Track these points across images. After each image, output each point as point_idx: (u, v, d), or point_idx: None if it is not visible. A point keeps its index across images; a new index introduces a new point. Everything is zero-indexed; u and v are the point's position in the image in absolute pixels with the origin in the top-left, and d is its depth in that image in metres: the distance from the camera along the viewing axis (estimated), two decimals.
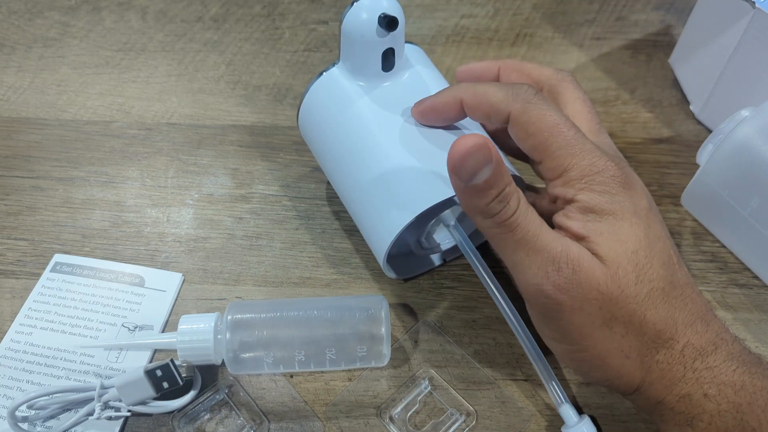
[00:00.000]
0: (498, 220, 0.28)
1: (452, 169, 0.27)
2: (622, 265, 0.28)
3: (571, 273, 0.27)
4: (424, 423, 0.33)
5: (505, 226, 0.28)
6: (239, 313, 0.34)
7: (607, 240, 0.28)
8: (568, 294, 0.27)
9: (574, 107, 0.33)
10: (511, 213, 0.28)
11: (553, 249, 0.28)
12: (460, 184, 0.28)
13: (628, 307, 0.28)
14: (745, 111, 0.37)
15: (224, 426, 0.33)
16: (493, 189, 0.27)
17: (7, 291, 0.38)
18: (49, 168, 0.44)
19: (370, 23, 0.33)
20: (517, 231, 0.28)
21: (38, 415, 0.33)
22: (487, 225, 0.29)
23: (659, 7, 0.55)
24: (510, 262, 0.29)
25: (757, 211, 0.37)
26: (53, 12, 0.55)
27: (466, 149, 0.27)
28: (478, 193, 0.28)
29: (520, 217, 0.28)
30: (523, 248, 0.28)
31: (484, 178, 0.27)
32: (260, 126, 0.47)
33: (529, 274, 0.28)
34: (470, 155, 0.27)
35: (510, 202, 0.28)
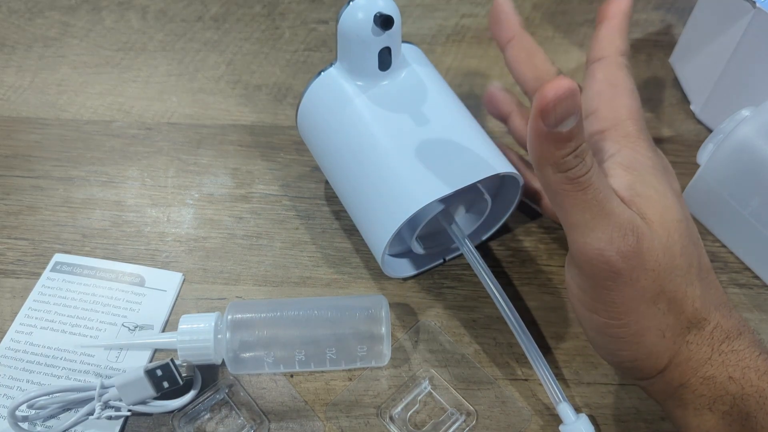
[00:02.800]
0: (572, 175, 0.26)
1: (541, 109, 0.25)
2: (673, 233, 0.27)
3: (636, 242, 0.27)
4: (424, 423, 0.33)
5: (577, 183, 0.27)
6: (239, 313, 0.34)
7: (656, 205, 0.28)
8: (629, 263, 0.27)
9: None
10: (586, 170, 0.26)
11: (621, 215, 0.27)
12: (543, 129, 0.26)
13: (675, 281, 0.27)
14: (746, 111, 0.37)
15: (224, 426, 0.33)
16: (573, 141, 0.26)
17: (8, 290, 0.38)
18: (49, 168, 0.44)
19: (366, 22, 0.33)
20: (589, 190, 0.27)
21: (38, 414, 0.33)
22: (557, 179, 0.27)
23: (660, 7, 0.55)
24: (572, 222, 0.27)
25: (758, 210, 0.37)
26: (53, 11, 0.55)
27: (561, 92, 0.25)
28: (559, 142, 0.26)
29: (594, 176, 0.27)
30: (591, 209, 0.27)
31: (570, 127, 0.25)
32: (260, 126, 0.47)
33: (593, 237, 0.27)
34: (564, 99, 0.25)
35: (586, 159, 0.26)
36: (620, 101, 0.31)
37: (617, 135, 0.30)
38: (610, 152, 0.29)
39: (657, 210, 0.28)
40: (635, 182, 0.28)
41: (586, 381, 0.35)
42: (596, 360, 0.35)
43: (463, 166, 0.34)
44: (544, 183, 0.28)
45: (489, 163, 0.34)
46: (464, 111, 0.37)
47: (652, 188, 0.28)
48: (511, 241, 0.41)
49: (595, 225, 0.27)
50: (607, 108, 0.30)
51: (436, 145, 0.34)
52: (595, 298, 0.28)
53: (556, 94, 0.25)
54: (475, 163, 0.34)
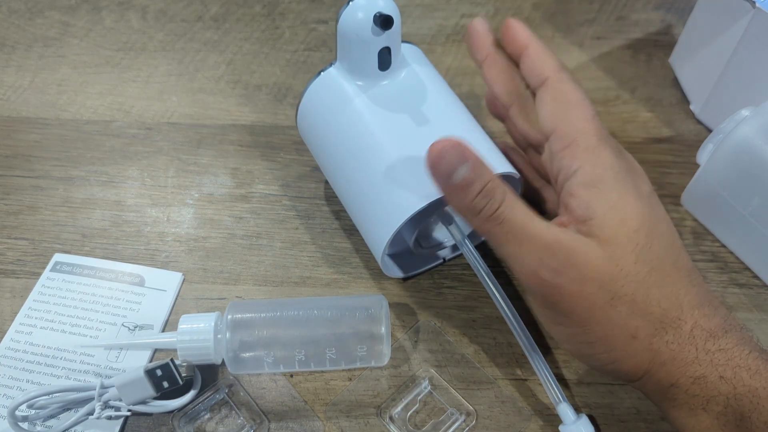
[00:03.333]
0: (484, 215, 0.29)
1: (430, 169, 0.29)
2: (621, 244, 0.28)
3: (565, 257, 0.28)
4: (424, 423, 0.33)
5: (492, 220, 0.29)
6: (239, 313, 0.34)
7: (610, 220, 0.28)
8: (566, 276, 0.28)
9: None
10: (496, 207, 0.28)
11: (545, 237, 0.28)
12: (442, 184, 0.29)
13: (629, 286, 0.28)
14: (746, 111, 0.37)
15: (224, 425, 0.33)
16: (473, 185, 0.28)
17: (7, 290, 0.38)
18: (49, 167, 0.44)
19: (366, 22, 0.33)
20: (505, 224, 0.28)
21: (38, 414, 0.33)
22: (476, 222, 0.29)
23: (659, 7, 0.55)
24: (505, 255, 0.29)
25: (757, 210, 0.37)
26: (53, 11, 0.55)
27: (439, 149, 0.29)
28: (459, 191, 0.29)
29: (507, 210, 0.28)
30: (514, 239, 0.29)
31: (463, 176, 0.28)
32: (260, 125, 0.47)
33: (524, 263, 0.28)
34: (444, 154, 0.28)
35: (495, 196, 0.28)
36: (574, 115, 0.31)
37: (578, 151, 0.30)
38: (572, 170, 0.30)
39: (610, 225, 0.28)
40: (591, 200, 0.29)
41: (586, 381, 0.35)
42: None
43: None
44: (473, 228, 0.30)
45: (489, 162, 0.34)
46: (464, 111, 0.37)
47: (608, 203, 0.29)
48: None
49: (524, 252, 0.28)
50: (564, 125, 0.31)
51: None
52: (554, 313, 0.29)
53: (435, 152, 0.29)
54: None
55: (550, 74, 0.32)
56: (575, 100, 0.32)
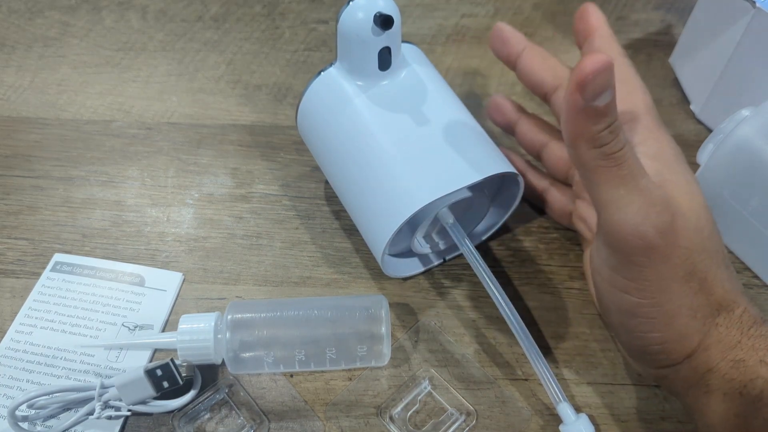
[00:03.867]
0: (607, 150, 0.27)
1: (579, 83, 0.25)
2: (702, 215, 0.28)
3: (670, 218, 0.27)
4: (424, 422, 0.33)
5: (613, 158, 0.27)
6: (239, 313, 0.34)
7: (685, 191, 0.28)
8: (665, 239, 0.27)
9: None
10: (621, 146, 0.27)
11: (654, 192, 0.27)
12: (580, 104, 0.26)
13: (705, 261, 0.28)
14: (746, 110, 0.37)
15: (224, 425, 0.33)
16: (608, 116, 0.26)
17: (7, 290, 0.38)
18: (49, 167, 0.44)
19: (366, 22, 0.33)
20: (624, 166, 0.27)
21: (38, 414, 0.33)
22: (591, 155, 0.27)
23: (659, 7, 0.55)
24: (605, 199, 0.28)
25: (758, 210, 0.37)
26: (53, 11, 0.55)
27: (599, 65, 0.25)
28: (595, 116, 0.26)
29: (629, 152, 0.27)
30: (626, 185, 0.27)
31: (606, 102, 0.26)
32: (260, 125, 0.47)
33: (629, 212, 0.27)
34: (602, 72, 0.25)
35: (620, 135, 0.27)
36: (635, 97, 0.31)
37: (639, 127, 0.30)
38: (635, 142, 0.30)
39: (686, 194, 0.28)
40: (662, 169, 0.29)
41: (586, 381, 0.35)
42: (596, 360, 0.35)
43: (463, 165, 0.34)
44: (577, 160, 0.28)
45: (489, 162, 0.34)
46: (464, 111, 0.37)
47: (679, 174, 0.29)
48: (511, 241, 0.41)
49: (630, 200, 0.27)
50: (624, 104, 0.30)
51: (436, 144, 0.34)
52: (628, 277, 0.28)
53: (594, 67, 0.25)
54: (475, 162, 0.34)
55: (616, 56, 0.32)
56: (637, 84, 0.32)
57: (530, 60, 0.36)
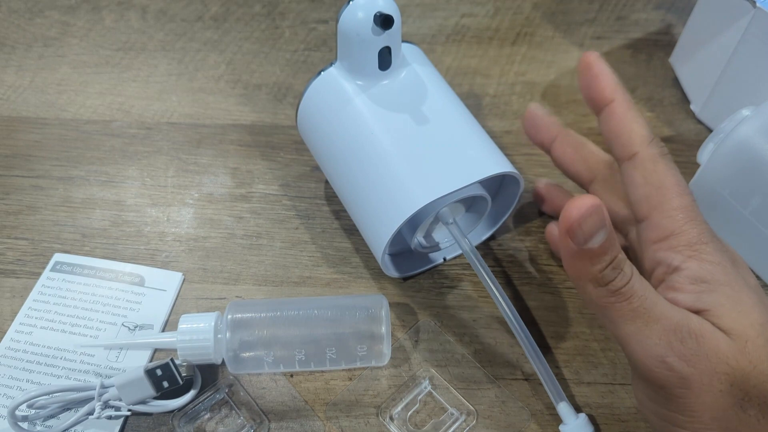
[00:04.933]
0: (613, 288, 0.26)
1: (567, 230, 0.25)
2: (751, 338, 0.25)
3: (696, 344, 0.25)
4: (424, 422, 0.33)
5: (620, 294, 0.26)
6: (239, 313, 0.34)
7: (730, 311, 0.26)
8: (696, 367, 0.25)
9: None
10: (626, 280, 0.26)
11: (673, 318, 0.26)
12: (573, 248, 0.25)
13: (764, 386, 0.25)
14: (746, 110, 0.37)
15: (224, 425, 0.33)
16: (607, 255, 0.25)
17: (7, 290, 0.38)
18: (49, 167, 0.44)
19: (366, 22, 0.33)
20: (634, 299, 0.26)
21: (38, 414, 0.33)
22: (599, 294, 0.26)
23: (660, 7, 0.55)
24: (623, 333, 0.26)
25: (758, 210, 0.37)
26: (53, 11, 0.55)
27: (584, 209, 0.24)
28: (592, 258, 0.25)
29: (636, 284, 0.26)
30: (640, 318, 0.26)
31: (600, 242, 0.25)
32: (260, 125, 0.47)
33: (649, 344, 0.26)
34: (588, 216, 0.25)
35: (624, 269, 0.26)
36: (672, 204, 0.28)
37: (678, 244, 0.28)
38: (674, 265, 0.27)
39: (730, 315, 0.26)
40: (702, 294, 0.27)
41: (586, 381, 0.35)
42: (596, 360, 0.35)
43: (463, 165, 0.34)
44: (586, 299, 0.27)
45: (489, 162, 0.34)
46: (464, 110, 0.37)
47: (723, 296, 0.26)
48: (511, 241, 0.41)
49: (650, 332, 0.26)
50: (660, 215, 0.28)
51: (436, 144, 0.34)
52: (673, 410, 0.26)
53: (579, 213, 0.24)
54: (476, 162, 0.34)
55: (639, 149, 0.29)
56: (670, 184, 0.28)
57: (562, 151, 0.34)
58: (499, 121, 0.47)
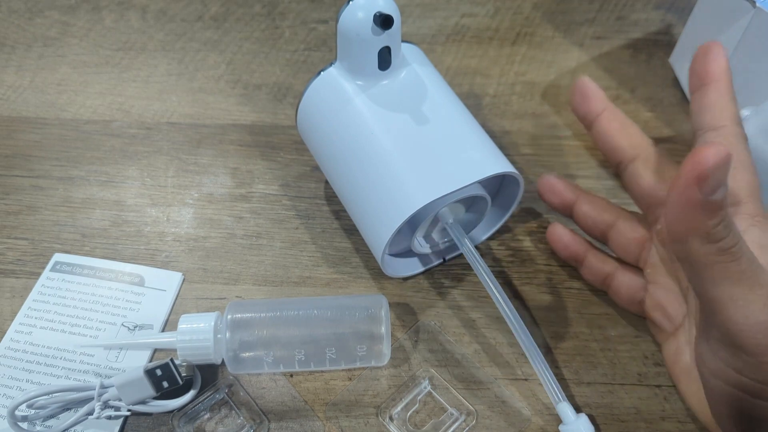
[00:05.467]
0: (724, 245, 0.25)
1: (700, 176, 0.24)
2: None
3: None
4: (424, 422, 0.33)
5: (729, 253, 0.25)
6: (239, 313, 0.34)
7: None
8: None
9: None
10: (737, 240, 0.25)
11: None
12: (696, 197, 0.24)
13: None
14: (746, 111, 0.37)
15: (224, 425, 0.33)
16: (723, 209, 0.25)
17: (7, 290, 0.38)
18: (48, 167, 0.44)
19: (366, 22, 0.33)
20: (742, 260, 0.25)
21: (38, 414, 0.33)
22: (707, 251, 0.25)
23: (660, 7, 0.55)
24: (723, 296, 0.26)
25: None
26: (53, 11, 0.55)
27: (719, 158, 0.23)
28: (711, 211, 0.24)
29: (745, 246, 0.25)
30: (746, 281, 0.25)
31: (722, 195, 0.24)
32: (260, 125, 0.47)
33: (754, 310, 0.25)
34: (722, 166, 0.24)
35: (733, 229, 0.25)
36: (741, 177, 0.29)
37: (743, 213, 0.28)
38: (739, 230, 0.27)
39: None
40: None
41: (585, 381, 0.35)
42: (596, 360, 0.35)
43: (463, 165, 0.34)
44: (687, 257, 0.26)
45: (489, 162, 0.34)
46: (464, 110, 0.37)
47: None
48: (511, 241, 0.41)
49: (755, 298, 0.25)
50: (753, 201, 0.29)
51: (435, 144, 0.34)
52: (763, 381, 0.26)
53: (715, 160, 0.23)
54: (475, 162, 0.34)
55: (727, 123, 0.30)
56: (743, 162, 0.29)
57: (609, 123, 0.34)
58: (499, 121, 0.47)
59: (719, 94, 0.30)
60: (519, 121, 0.47)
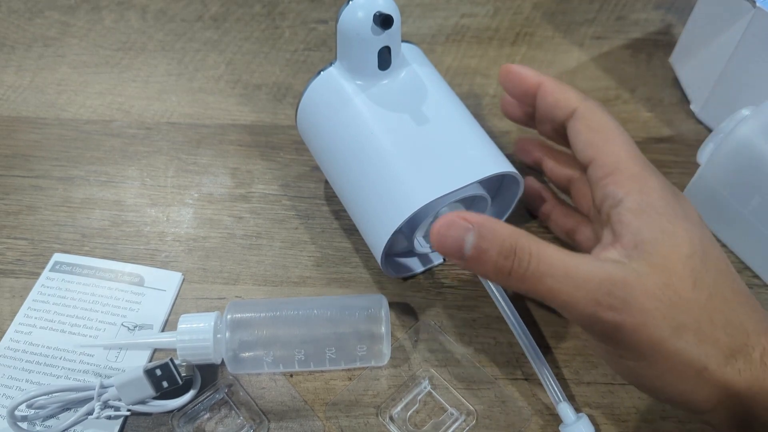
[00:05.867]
0: (517, 276, 0.27)
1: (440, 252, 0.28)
2: (676, 270, 0.27)
3: (622, 292, 0.26)
4: (424, 422, 0.33)
5: (528, 278, 0.27)
6: (239, 313, 0.34)
7: (662, 245, 0.27)
8: (626, 312, 0.26)
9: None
10: (525, 264, 0.27)
11: (596, 275, 0.27)
12: (459, 262, 0.28)
13: (692, 313, 0.27)
14: (746, 110, 0.37)
15: (224, 425, 0.33)
16: (489, 251, 0.27)
17: (7, 290, 0.38)
18: (48, 167, 0.44)
19: (366, 21, 0.33)
20: (545, 278, 0.27)
21: (38, 414, 0.33)
22: (511, 284, 0.28)
23: (659, 6, 0.55)
24: (557, 306, 0.28)
25: (758, 209, 0.37)
26: (53, 11, 0.55)
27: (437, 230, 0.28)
28: (479, 262, 0.27)
29: (540, 263, 0.27)
30: (562, 289, 0.27)
31: (472, 245, 0.27)
32: (260, 125, 0.47)
33: (579, 308, 0.27)
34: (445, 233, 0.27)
35: (519, 253, 0.27)
36: (614, 143, 0.31)
37: (621, 178, 0.29)
38: (618, 197, 0.29)
39: (662, 252, 0.27)
40: (641, 227, 0.28)
41: (586, 381, 0.35)
42: (596, 360, 0.35)
43: (463, 165, 0.33)
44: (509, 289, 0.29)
45: (489, 162, 0.34)
46: (464, 110, 0.37)
47: (659, 230, 0.28)
48: None
49: (577, 298, 0.27)
50: (603, 153, 0.30)
51: (435, 144, 0.34)
52: (617, 350, 0.28)
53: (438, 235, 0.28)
54: (475, 162, 0.34)
55: (577, 104, 0.32)
56: (610, 127, 0.31)
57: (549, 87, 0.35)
58: (499, 121, 0.47)
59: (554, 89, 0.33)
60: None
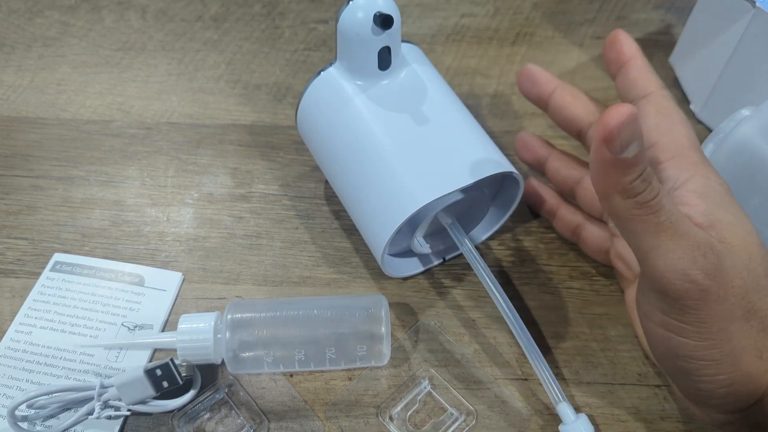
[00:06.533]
0: (642, 200, 0.26)
1: (606, 137, 0.25)
2: (754, 255, 0.27)
3: (717, 259, 0.26)
4: (423, 422, 0.33)
5: (648, 206, 0.26)
6: (239, 313, 0.34)
7: (737, 229, 0.27)
8: (716, 280, 0.26)
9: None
10: (655, 193, 0.26)
11: (696, 235, 0.27)
12: (608, 157, 0.26)
13: (764, 300, 0.27)
14: (746, 110, 0.37)
15: (224, 425, 0.33)
16: (638, 166, 0.26)
17: (7, 290, 0.38)
18: (48, 167, 0.44)
19: (366, 21, 0.33)
20: (661, 213, 0.26)
21: (38, 414, 0.33)
22: (626, 206, 0.27)
23: (659, 7, 0.55)
24: (647, 247, 0.27)
25: (758, 210, 0.37)
26: (53, 11, 0.55)
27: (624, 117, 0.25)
28: (625, 168, 0.26)
29: (664, 199, 0.27)
30: (666, 232, 0.26)
31: (634, 152, 0.26)
32: (260, 125, 0.47)
33: (674, 258, 0.26)
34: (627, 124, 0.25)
35: (653, 183, 0.26)
36: (678, 131, 0.31)
37: (685, 163, 0.30)
38: (681, 180, 0.29)
39: (737, 234, 0.27)
40: (711, 209, 0.28)
41: (586, 381, 0.35)
42: (596, 360, 0.35)
43: (463, 165, 0.34)
44: (612, 213, 0.28)
45: (489, 162, 0.34)
46: (464, 110, 0.37)
47: (730, 214, 0.28)
48: (511, 241, 0.41)
49: (674, 246, 0.26)
50: (667, 139, 0.30)
51: (435, 144, 0.34)
52: (683, 321, 0.27)
53: (619, 120, 0.25)
54: (475, 162, 0.34)
55: (654, 89, 0.32)
56: (679, 118, 0.31)
57: (562, 99, 0.36)
58: (499, 121, 0.47)
59: (638, 69, 0.33)
60: (519, 121, 0.47)
